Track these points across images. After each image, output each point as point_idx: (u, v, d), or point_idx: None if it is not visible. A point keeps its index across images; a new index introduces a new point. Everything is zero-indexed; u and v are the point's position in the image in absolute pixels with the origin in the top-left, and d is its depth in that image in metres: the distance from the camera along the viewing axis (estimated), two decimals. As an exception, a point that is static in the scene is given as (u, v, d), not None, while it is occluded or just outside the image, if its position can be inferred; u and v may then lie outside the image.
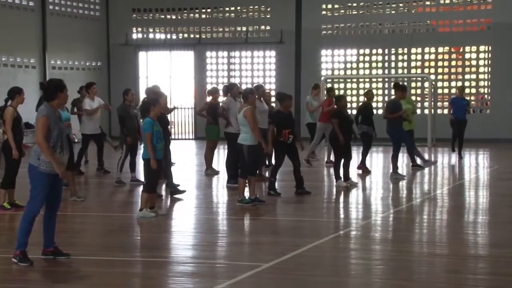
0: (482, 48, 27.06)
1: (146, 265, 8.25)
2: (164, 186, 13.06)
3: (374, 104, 21.15)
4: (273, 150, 12.77)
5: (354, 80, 28.16)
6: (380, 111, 26.25)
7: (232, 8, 29.34)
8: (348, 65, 28.55)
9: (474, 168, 18.38)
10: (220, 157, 19.79)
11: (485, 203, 12.72)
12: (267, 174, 14.73)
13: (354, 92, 28.22)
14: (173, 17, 29.87)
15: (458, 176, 16.39)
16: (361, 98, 27.33)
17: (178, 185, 13.16)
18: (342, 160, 14.03)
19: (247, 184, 11.95)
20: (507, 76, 26.16)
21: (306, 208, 11.98)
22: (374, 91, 24.31)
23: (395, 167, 15.32)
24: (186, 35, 29.84)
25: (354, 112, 26.49)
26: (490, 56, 26.83)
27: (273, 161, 13.67)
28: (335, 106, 14.76)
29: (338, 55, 28.37)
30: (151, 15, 29.90)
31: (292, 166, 12.86)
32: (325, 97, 19.74)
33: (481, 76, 27.24)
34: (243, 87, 21.66)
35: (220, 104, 15.34)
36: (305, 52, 28.02)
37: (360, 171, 16.28)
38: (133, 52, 29.75)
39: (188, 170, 17.26)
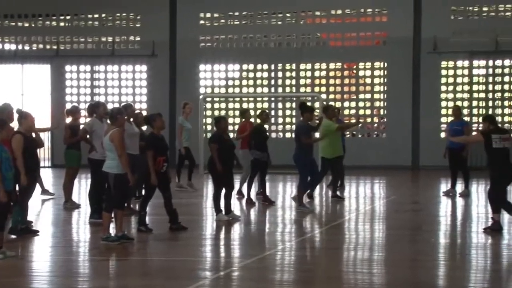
0: (377, 64, 27.94)
1: (-7, 316, 8.01)
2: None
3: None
4: (156, 180, 12.60)
5: (237, 99, 28.44)
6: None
7: (96, 16, 29.09)
8: (230, 82, 28.82)
9: (369, 198, 18.86)
10: (82, 187, 19.49)
11: (381, 238, 13.07)
12: (136, 207, 14.61)
13: (237, 112, 28.46)
14: (26, 24, 29.29)
15: (351, 208, 16.76)
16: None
17: (31, 223, 12.86)
18: (223, 191, 14.11)
19: (113, 219, 11.83)
20: (404, 95, 27.07)
21: (181, 246, 11.96)
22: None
23: (301, 199, 15.47)
24: (41, 46, 29.31)
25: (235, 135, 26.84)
26: (386, 73, 27.73)
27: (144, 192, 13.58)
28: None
29: (219, 71, 28.61)
30: (-1, 21, 29.23)
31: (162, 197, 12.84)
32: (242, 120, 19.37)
33: (376, 96, 28.10)
34: (110, 106, 21.45)
35: (82, 125, 15.17)
36: (181, 67, 28.09)
37: (266, 203, 16.38)
38: (-23, 64, 28.96)
39: (44, 203, 16.90)
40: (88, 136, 14.38)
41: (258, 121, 17.19)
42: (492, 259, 11.11)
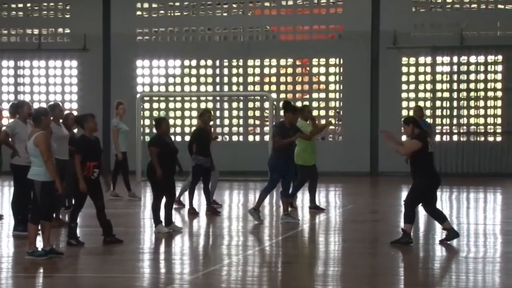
0: (332, 60, 28.12)
1: None
2: None
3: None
4: (85, 187, 12.53)
5: (178, 98, 28.39)
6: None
7: (20, 5, 28.83)
8: (171, 80, 28.77)
9: (325, 208, 18.95)
10: (5, 196, 19.27)
11: (337, 251, 13.13)
12: (66, 218, 14.49)
13: (178, 113, 28.43)
14: None
15: (305, 219, 16.82)
16: (187, 121, 27.64)
17: None
18: (164, 200, 14.08)
19: (39, 232, 11.71)
20: (362, 94, 27.27)
21: (116, 261, 11.89)
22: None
23: (259, 205, 15.42)
24: (-41, 38, 28.99)
25: (178, 138, 26.83)
26: (341, 70, 27.90)
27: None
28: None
29: (158, 67, 28.56)
30: None
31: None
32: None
33: (331, 95, 28.27)
34: (35, 106, 21.26)
35: (3, 127, 15.01)
36: (115, 63, 27.96)
37: (210, 212, 16.42)
38: None
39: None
40: (10, 140, 14.22)
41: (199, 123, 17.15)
42: (456, 273, 11.22)
